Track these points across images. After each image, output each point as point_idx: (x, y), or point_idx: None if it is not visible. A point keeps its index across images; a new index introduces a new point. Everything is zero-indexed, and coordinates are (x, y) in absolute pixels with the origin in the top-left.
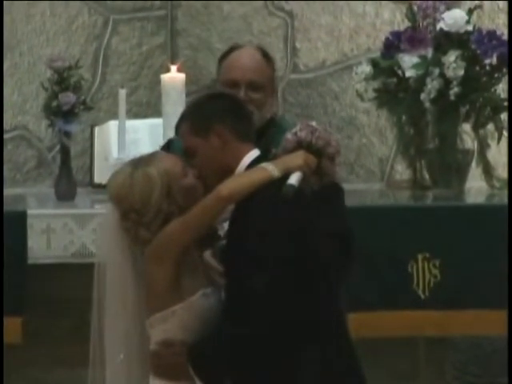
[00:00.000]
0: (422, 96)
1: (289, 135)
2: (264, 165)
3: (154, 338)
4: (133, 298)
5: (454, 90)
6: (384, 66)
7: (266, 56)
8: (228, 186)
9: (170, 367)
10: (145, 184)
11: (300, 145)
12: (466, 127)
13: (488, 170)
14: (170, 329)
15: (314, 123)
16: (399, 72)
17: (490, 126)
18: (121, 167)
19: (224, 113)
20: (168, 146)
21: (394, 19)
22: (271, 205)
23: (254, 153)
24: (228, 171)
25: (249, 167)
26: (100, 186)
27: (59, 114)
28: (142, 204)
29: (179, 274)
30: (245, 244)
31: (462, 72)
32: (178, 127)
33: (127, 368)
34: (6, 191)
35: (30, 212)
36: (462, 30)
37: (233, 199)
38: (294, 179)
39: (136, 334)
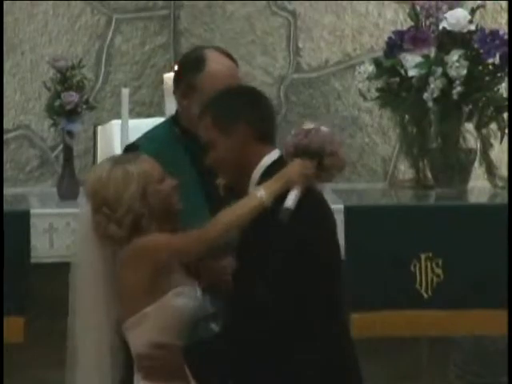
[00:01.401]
0: (425, 95)
1: (288, 138)
2: (256, 191)
3: (136, 340)
4: (104, 295)
5: (457, 90)
6: (387, 65)
7: (234, 59)
8: (216, 226)
9: (162, 369)
10: (121, 180)
11: (297, 148)
12: (469, 126)
13: (491, 170)
14: (147, 330)
15: (311, 125)
16: (402, 71)
17: (493, 126)
18: (101, 162)
19: (249, 110)
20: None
21: (397, 19)
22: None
23: (274, 154)
24: (246, 170)
25: (268, 169)
26: None
27: (62, 113)
28: (115, 199)
29: (154, 277)
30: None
31: (464, 71)
32: (200, 117)
33: (99, 368)
34: (9, 190)
35: (32, 211)
36: (465, 30)
37: (222, 237)
38: (290, 201)
39: (107, 332)
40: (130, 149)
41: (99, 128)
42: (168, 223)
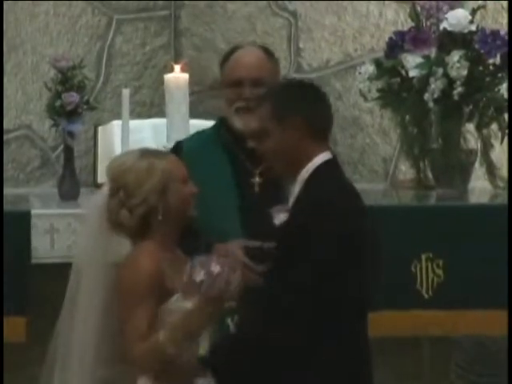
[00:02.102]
0: (426, 96)
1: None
2: (164, 339)
3: None
4: (105, 292)
5: (458, 90)
6: (387, 65)
7: (269, 53)
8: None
9: (169, 371)
10: (145, 171)
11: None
12: (470, 127)
13: (491, 170)
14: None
15: (200, 273)
16: (403, 72)
17: (494, 126)
18: (129, 151)
19: (310, 107)
20: (176, 149)
21: (398, 19)
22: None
23: (326, 155)
24: (295, 165)
25: (318, 169)
26: None
27: (63, 113)
28: (134, 186)
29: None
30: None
31: (465, 72)
32: (258, 104)
33: (95, 369)
34: (10, 191)
35: (33, 212)
36: (466, 30)
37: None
38: (203, 347)
39: (107, 332)
40: (178, 145)
41: (100, 128)
42: (177, 227)
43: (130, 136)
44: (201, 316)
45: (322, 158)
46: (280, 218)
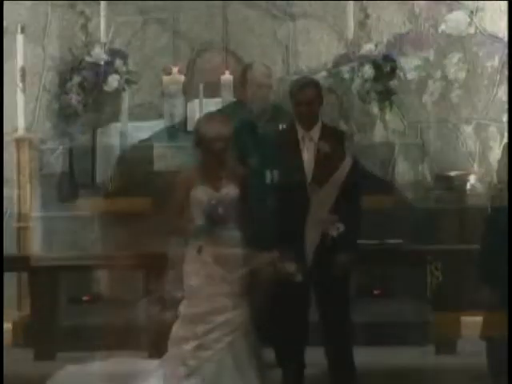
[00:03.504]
0: (424, 98)
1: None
2: None
3: None
4: None
5: (456, 92)
6: (386, 68)
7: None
8: None
9: None
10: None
11: None
12: (468, 129)
13: (490, 172)
14: None
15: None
16: (401, 74)
17: (492, 128)
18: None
19: None
20: None
21: (397, 21)
22: None
23: (350, 157)
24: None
25: (351, 171)
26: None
27: (62, 115)
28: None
29: None
30: None
31: (463, 74)
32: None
33: None
34: (9, 192)
35: (32, 214)
36: (464, 33)
37: None
38: None
39: None
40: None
41: (99, 130)
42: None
43: (129, 138)
44: None
45: (348, 161)
46: (337, 227)
